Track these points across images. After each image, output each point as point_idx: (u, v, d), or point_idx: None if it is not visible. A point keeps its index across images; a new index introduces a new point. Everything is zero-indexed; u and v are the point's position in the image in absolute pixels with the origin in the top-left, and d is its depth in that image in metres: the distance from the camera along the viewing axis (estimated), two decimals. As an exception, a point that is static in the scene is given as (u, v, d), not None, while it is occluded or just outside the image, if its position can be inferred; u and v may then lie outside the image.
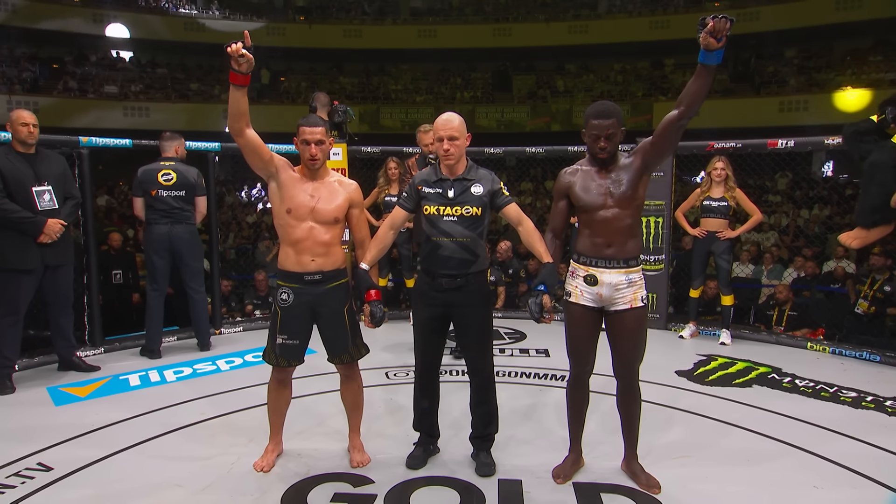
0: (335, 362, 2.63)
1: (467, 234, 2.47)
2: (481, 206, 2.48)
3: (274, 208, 2.51)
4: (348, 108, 5.46)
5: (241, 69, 2.23)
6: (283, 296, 2.52)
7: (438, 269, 2.50)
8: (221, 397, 3.53)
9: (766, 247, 7.85)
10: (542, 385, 3.77)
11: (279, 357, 2.56)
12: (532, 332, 5.01)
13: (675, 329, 5.16)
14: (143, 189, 4.25)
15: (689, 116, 2.20)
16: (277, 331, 2.54)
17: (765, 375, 3.97)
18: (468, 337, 2.57)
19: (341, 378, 2.70)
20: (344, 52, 18.62)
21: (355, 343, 2.62)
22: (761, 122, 14.85)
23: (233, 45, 2.19)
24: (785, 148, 4.70)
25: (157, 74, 17.89)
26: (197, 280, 4.46)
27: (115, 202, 12.00)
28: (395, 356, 4.30)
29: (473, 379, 2.62)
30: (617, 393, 2.53)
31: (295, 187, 2.47)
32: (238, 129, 2.35)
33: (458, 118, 2.50)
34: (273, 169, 2.47)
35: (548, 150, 5.73)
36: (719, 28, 2.00)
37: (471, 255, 2.48)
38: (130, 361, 4.27)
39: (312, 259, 2.48)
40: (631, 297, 2.39)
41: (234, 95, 2.29)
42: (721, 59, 2.07)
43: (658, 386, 3.68)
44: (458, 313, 2.53)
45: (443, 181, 2.50)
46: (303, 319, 2.54)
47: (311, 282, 2.50)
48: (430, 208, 2.49)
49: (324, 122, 2.51)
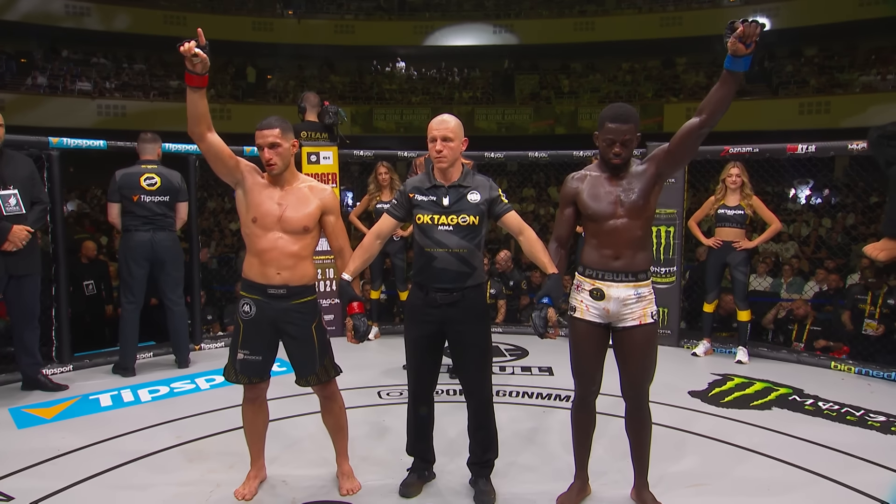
0: (302, 384, 2.59)
1: (464, 245, 2.46)
2: (478, 215, 2.48)
3: (241, 217, 2.51)
4: (339, 108, 5.49)
5: (196, 70, 2.24)
6: (245, 307, 2.50)
7: (432, 283, 2.49)
8: (201, 419, 3.50)
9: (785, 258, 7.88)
10: (546, 406, 3.76)
11: (238, 374, 2.52)
12: (535, 348, 5.01)
13: (688, 346, 5.16)
14: (123, 194, 4.25)
15: (711, 125, 2.22)
16: (239, 345, 2.51)
17: (785, 397, 3.96)
18: (465, 356, 2.56)
19: (321, 400, 2.67)
20: (335, 48, 18.72)
21: (323, 364, 2.58)
22: (780, 124, 14.93)
23: (185, 44, 2.19)
24: (805, 153, 4.72)
25: (135, 70, 17.93)
26: (177, 291, 4.45)
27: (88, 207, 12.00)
28: (387, 374, 4.29)
29: (470, 402, 2.61)
30: (625, 415, 2.52)
31: (261, 194, 2.46)
32: (198, 133, 2.35)
33: (454, 119, 2.51)
34: (238, 175, 2.47)
35: (552, 155, 5.76)
36: (749, 33, 2.01)
37: (467, 267, 2.48)
38: (101, 380, 4.24)
39: (278, 272, 2.46)
40: (640, 312, 2.39)
41: (192, 98, 2.30)
42: (749, 65, 2.09)
43: (670, 408, 3.68)
44: (454, 330, 2.52)
45: (437, 188, 2.50)
46: (266, 335, 2.51)
47: (274, 296, 2.47)
48: (424, 217, 2.49)
49: (281, 122, 2.49)
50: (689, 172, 5.36)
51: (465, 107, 17.57)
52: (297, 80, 18.98)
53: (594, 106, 16.73)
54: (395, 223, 2.59)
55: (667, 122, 16.16)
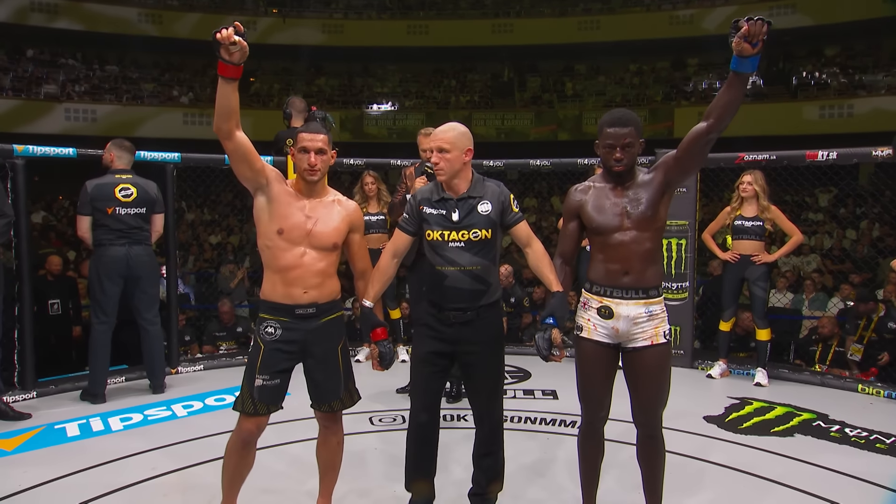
0: (322, 410, 2.57)
1: (477, 262, 2.48)
2: (491, 227, 2.49)
3: (260, 227, 2.45)
4: (327, 114, 5.51)
5: (234, 59, 2.18)
6: (269, 329, 2.45)
7: (446, 303, 2.51)
8: (177, 448, 3.49)
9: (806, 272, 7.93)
10: (550, 432, 3.76)
11: (257, 403, 2.44)
12: (538, 370, 5.01)
13: (703, 367, 5.18)
14: (95, 206, 4.26)
15: (720, 130, 2.25)
16: (257, 370, 2.44)
17: (809, 423, 3.97)
18: (476, 379, 2.58)
19: (320, 429, 2.65)
20: (323, 49, 18.82)
21: (348, 388, 2.58)
22: (799, 129, 15.05)
23: (223, 31, 2.13)
24: (826, 160, 4.77)
25: (106, 73, 18.00)
26: (153, 310, 4.46)
27: (54, 219, 12.00)
28: (379, 398, 4.27)
29: (480, 428, 2.62)
30: (637, 443, 2.53)
31: (289, 205, 2.43)
32: (227, 130, 2.29)
33: (457, 129, 2.51)
34: (263, 180, 2.42)
35: (554, 163, 5.80)
36: (755, 32, 2.05)
37: (482, 284, 2.50)
38: (69, 407, 4.22)
39: (305, 291, 2.43)
40: (652, 332, 2.41)
41: (224, 90, 2.24)
42: (756, 66, 2.13)
43: (684, 434, 3.68)
44: (466, 352, 2.54)
45: (445, 201, 2.52)
46: (288, 358, 2.48)
47: (303, 315, 2.45)
48: (434, 234, 2.50)
49: (325, 131, 2.51)
50: (702, 181, 5.41)
51: (462, 111, 17.68)
52: (281, 84, 19.10)
53: (599, 110, 16.82)
54: (410, 239, 2.59)
55: (677, 127, 16.27)
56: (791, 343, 6.28)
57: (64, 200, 13.55)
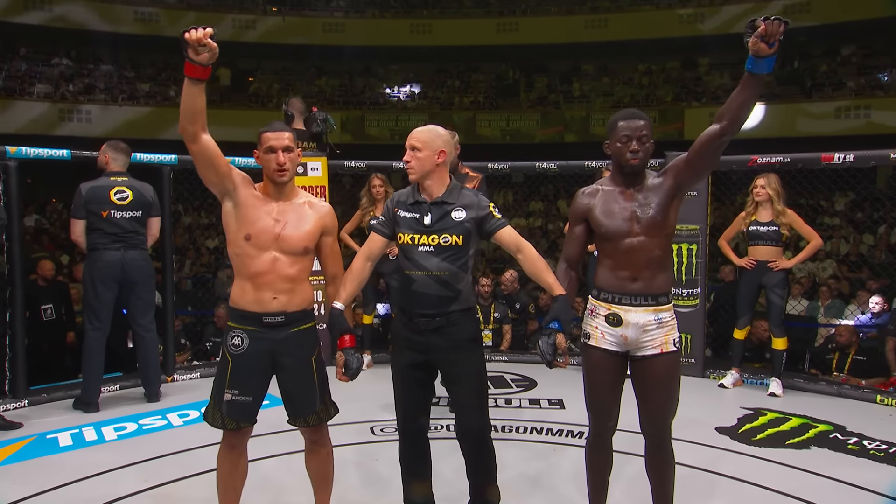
0: (298, 425, 2.55)
1: (444, 267, 2.47)
2: (463, 234, 2.48)
3: (229, 234, 2.45)
4: (328, 115, 5.55)
5: (201, 59, 2.18)
6: (236, 340, 2.44)
7: (414, 309, 2.51)
8: (173, 459, 3.49)
9: (822, 279, 7.90)
10: (557, 443, 3.75)
11: (225, 417, 2.44)
12: (544, 378, 5.00)
13: (714, 377, 5.16)
14: (90, 210, 4.27)
15: (733, 132, 2.26)
16: (227, 384, 2.43)
17: (825, 435, 3.95)
18: (455, 388, 2.56)
19: (306, 444, 2.64)
20: (323, 49, 18.88)
21: (324, 401, 2.55)
22: (814, 130, 15.02)
23: (192, 32, 2.12)
24: (843, 163, 4.76)
25: (102, 72, 18.08)
26: (148, 316, 4.47)
27: (47, 222, 12.05)
28: (381, 407, 4.27)
29: (464, 443, 2.57)
30: (646, 454, 2.52)
31: (256, 209, 2.42)
32: (192, 132, 2.29)
33: (433, 130, 2.53)
34: (230, 185, 2.41)
35: (561, 166, 5.81)
36: (772, 32, 2.05)
37: (449, 291, 2.48)
38: (61, 416, 4.22)
39: (274, 297, 2.42)
40: (661, 339, 2.41)
41: (191, 91, 2.24)
42: (772, 67, 2.13)
43: (695, 446, 3.67)
44: (441, 359, 2.52)
45: (419, 204, 2.53)
46: (259, 371, 2.46)
47: (271, 324, 2.43)
48: (405, 236, 2.52)
49: (296, 131, 2.52)
50: (714, 184, 5.40)
51: (465, 112, 17.73)
52: (281, 84, 19.15)
53: (607, 111, 16.82)
54: (385, 241, 2.60)
55: (688, 128, 16.25)
56: (806, 352, 6.26)
57: (57, 203, 13.60)
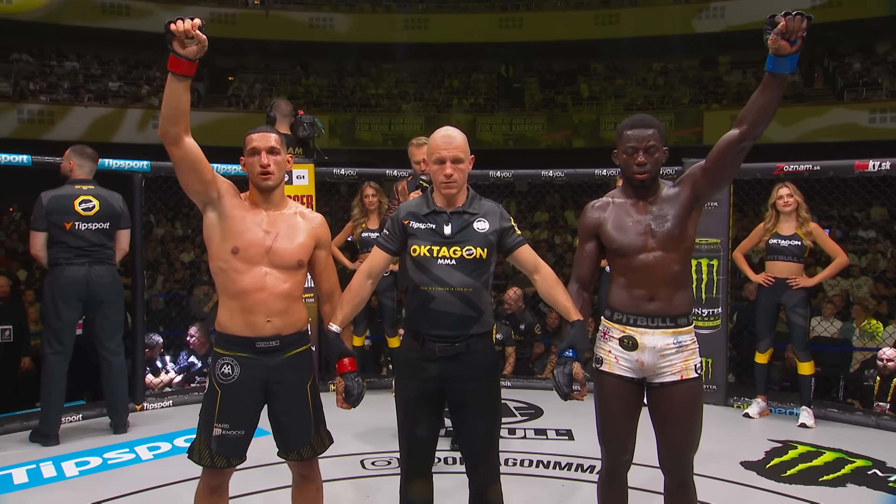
0: (291, 458, 2.53)
1: (468, 283, 2.46)
2: (487, 247, 2.48)
3: (212, 248, 2.44)
4: (316, 119, 5.58)
5: (188, 53, 2.16)
6: (226, 368, 2.40)
7: (430, 330, 2.48)
8: (142, 498, 3.47)
9: (856, 297, 7.91)
10: (565, 478, 3.74)
11: (215, 455, 2.40)
12: (550, 406, 5.00)
13: (739, 405, 5.16)
14: (52, 221, 4.26)
15: (755, 137, 2.28)
16: (216, 418, 2.40)
17: (863, 471, 3.94)
18: (468, 422, 2.53)
19: (294, 479, 2.62)
20: (310, 46, 18.98)
21: (318, 432, 2.54)
22: (846, 135, 15.10)
23: (179, 23, 2.11)
24: (878, 171, 4.78)
25: (66, 69, 18.13)
26: (115, 339, 4.45)
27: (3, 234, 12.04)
28: (373, 439, 4.26)
29: (473, 479, 2.57)
30: (665, 492, 2.52)
31: (244, 220, 2.41)
32: (174, 134, 2.27)
33: (461, 134, 2.53)
34: (214, 193, 2.40)
35: (568, 174, 5.83)
36: (793, 28, 2.07)
37: (473, 310, 2.47)
38: (15, 450, 4.19)
39: (268, 319, 2.40)
40: (681, 365, 2.41)
41: (175, 89, 2.22)
42: (795, 66, 2.16)
43: (719, 482, 3.66)
44: (456, 390, 2.50)
45: (437, 214, 2.52)
46: (251, 401, 2.43)
47: (265, 350, 2.41)
48: (421, 248, 2.49)
49: (283, 135, 2.53)
50: (735, 194, 5.43)
51: (465, 115, 17.78)
52: (264, 84, 19.24)
53: (619, 114, 16.89)
54: (389, 258, 2.59)
55: (707, 133, 16.32)
56: (840, 378, 6.24)
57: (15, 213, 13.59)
